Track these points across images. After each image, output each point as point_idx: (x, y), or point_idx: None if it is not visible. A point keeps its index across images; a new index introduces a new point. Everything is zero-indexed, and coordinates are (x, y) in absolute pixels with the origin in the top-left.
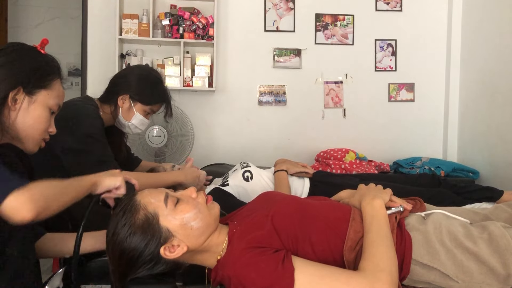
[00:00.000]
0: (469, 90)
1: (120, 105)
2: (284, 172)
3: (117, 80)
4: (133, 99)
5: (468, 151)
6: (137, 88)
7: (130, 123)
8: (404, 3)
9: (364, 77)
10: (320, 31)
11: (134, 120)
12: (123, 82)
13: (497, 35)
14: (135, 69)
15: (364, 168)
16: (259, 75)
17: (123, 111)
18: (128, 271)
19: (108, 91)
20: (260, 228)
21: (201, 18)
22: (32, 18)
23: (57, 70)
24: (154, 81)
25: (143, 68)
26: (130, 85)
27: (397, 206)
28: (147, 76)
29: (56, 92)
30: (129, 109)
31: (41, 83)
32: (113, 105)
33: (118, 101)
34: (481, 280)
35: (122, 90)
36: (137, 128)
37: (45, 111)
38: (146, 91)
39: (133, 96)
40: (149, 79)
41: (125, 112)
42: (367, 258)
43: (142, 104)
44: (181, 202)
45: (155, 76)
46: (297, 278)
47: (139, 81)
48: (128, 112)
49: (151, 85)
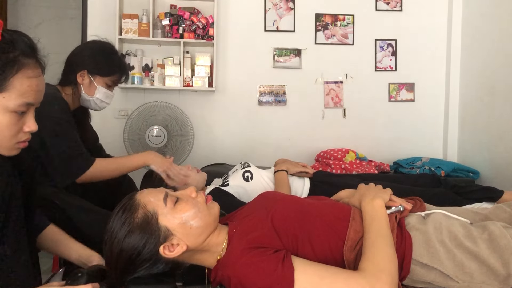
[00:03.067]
0: (469, 90)
1: (80, 82)
2: (284, 172)
3: (72, 58)
4: (91, 73)
5: (468, 151)
6: (93, 61)
7: (94, 98)
8: (404, 3)
9: (364, 77)
10: (320, 31)
11: (98, 94)
12: (78, 59)
13: (497, 35)
14: (88, 44)
15: (364, 168)
16: (259, 75)
17: (85, 88)
18: (127, 270)
19: (65, 72)
20: (260, 228)
21: (201, 18)
22: (32, 18)
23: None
24: (108, 52)
25: (94, 41)
26: (85, 60)
27: (397, 206)
28: (100, 48)
29: (16, 90)
30: (90, 84)
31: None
32: (73, 85)
33: (77, 79)
34: (481, 280)
35: (79, 67)
36: (103, 102)
37: (7, 116)
38: (103, 62)
39: (91, 70)
40: (103, 51)
41: (87, 88)
42: (367, 258)
43: (102, 76)
44: (181, 201)
45: (109, 47)
46: (297, 278)
47: (94, 55)
48: (90, 87)
49: (106, 56)
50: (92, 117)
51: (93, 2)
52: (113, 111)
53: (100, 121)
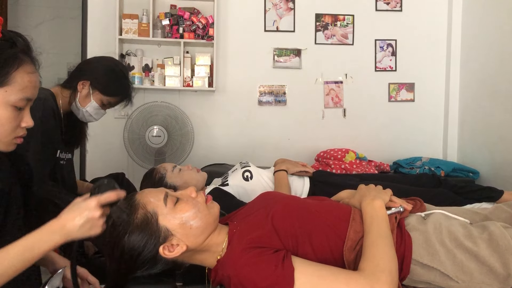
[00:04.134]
0: (469, 90)
1: (79, 90)
2: (284, 172)
3: (83, 66)
4: (93, 87)
5: (468, 151)
6: (100, 76)
7: (84, 109)
8: (404, 3)
9: (364, 77)
10: (320, 31)
11: (89, 107)
12: (88, 68)
13: (497, 35)
14: (103, 59)
15: (364, 168)
16: (259, 75)
17: (81, 97)
18: (127, 271)
19: (71, 76)
20: (260, 228)
21: (201, 18)
22: (32, 18)
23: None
24: (119, 74)
25: (110, 59)
26: (94, 73)
27: (397, 207)
28: (113, 67)
29: (18, 85)
30: (86, 96)
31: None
32: (72, 90)
33: (78, 86)
34: (481, 280)
35: (85, 76)
36: (91, 116)
37: (7, 110)
38: (108, 81)
39: (94, 84)
40: (114, 71)
41: (82, 97)
42: (367, 258)
43: (101, 93)
44: (181, 202)
45: (121, 70)
46: (297, 278)
47: (104, 71)
48: (85, 98)
49: (115, 78)
50: None
51: (93, 2)
52: (113, 111)
53: (100, 121)
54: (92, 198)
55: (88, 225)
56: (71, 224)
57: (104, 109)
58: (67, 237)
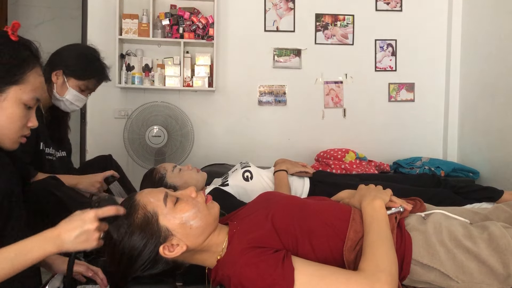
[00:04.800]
0: (469, 90)
1: (54, 81)
2: (284, 172)
3: (53, 57)
4: (66, 75)
5: (468, 151)
6: (70, 63)
7: (64, 98)
8: (404, 3)
9: (364, 77)
10: (320, 31)
11: (68, 95)
12: (58, 58)
13: (497, 35)
14: (71, 46)
15: (364, 168)
16: (259, 75)
17: (57, 87)
18: (127, 271)
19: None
20: (260, 228)
21: (201, 18)
22: (32, 18)
23: (31, 59)
24: (89, 57)
25: (79, 45)
26: (63, 61)
27: (397, 207)
28: (81, 51)
29: (31, 85)
30: (62, 85)
31: (11, 78)
32: (48, 83)
33: (52, 77)
34: (481, 280)
35: (56, 66)
36: (72, 105)
37: (19, 108)
38: (79, 66)
39: (66, 71)
40: (84, 55)
41: (59, 87)
42: (367, 258)
43: (75, 79)
44: (181, 202)
45: (90, 53)
46: (297, 278)
47: (73, 57)
48: (62, 88)
49: (85, 61)
50: (92, 117)
51: (93, 2)
52: (113, 111)
53: (100, 121)
54: (90, 211)
55: (83, 237)
56: (67, 234)
57: (84, 95)
58: (60, 247)
